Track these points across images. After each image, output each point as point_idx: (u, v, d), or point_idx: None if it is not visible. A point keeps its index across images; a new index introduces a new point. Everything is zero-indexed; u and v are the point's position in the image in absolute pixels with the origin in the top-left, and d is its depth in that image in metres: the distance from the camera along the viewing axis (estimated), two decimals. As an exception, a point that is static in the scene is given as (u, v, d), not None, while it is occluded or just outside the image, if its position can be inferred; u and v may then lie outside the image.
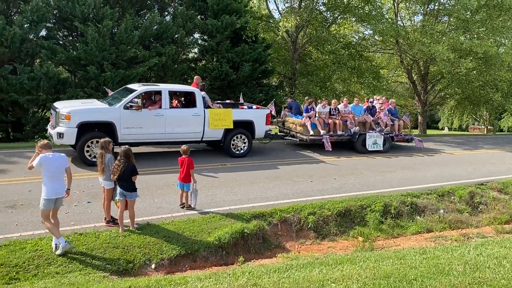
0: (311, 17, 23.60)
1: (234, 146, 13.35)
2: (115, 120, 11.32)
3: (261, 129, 13.73)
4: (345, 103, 16.19)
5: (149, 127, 11.79)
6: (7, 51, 15.48)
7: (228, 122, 12.91)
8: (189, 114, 12.45)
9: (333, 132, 15.44)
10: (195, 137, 12.65)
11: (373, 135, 15.69)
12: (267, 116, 13.88)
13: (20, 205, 8.23)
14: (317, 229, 8.95)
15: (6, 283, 5.81)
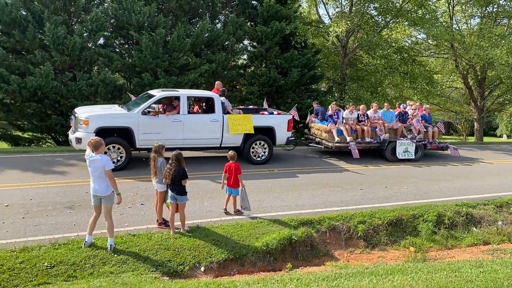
0: (362, 22, 23.27)
1: (254, 152, 13.01)
2: (133, 126, 11.33)
3: (283, 136, 13.34)
4: (375, 108, 15.55)
5: (167, 133, 11.70)
6: (68, 59, 16.33)
7: (249, 127, 12.65)
8: (207, 119, 12.30)
9: (361, 139, 14.77)
10: (214, 143, 12.48)
11: (404, 143, 14.90)
12: (289, 122, 13.44)
13: (78, 206, 8.63)
14: (367, 238, 8.78)
15: (64, 280, 6.11)
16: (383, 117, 15.39)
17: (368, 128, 14.80)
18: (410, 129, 15.43)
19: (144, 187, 9.97)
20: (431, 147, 15.66)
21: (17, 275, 6.06)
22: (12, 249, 6.57)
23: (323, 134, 15.17)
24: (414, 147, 14.98)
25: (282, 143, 13.58)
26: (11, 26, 16.10)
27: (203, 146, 12.40)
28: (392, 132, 15.28)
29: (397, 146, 14.79)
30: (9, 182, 9.92)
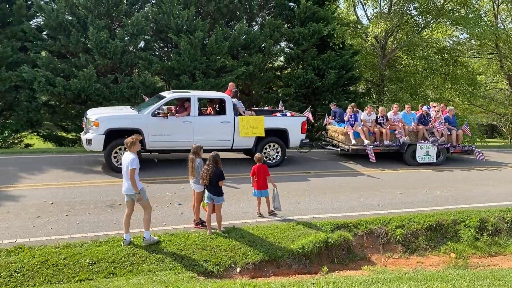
0: (401, 22, 22.80)
1: (266, 155, 12.70)
2: (142, 127, 11.30)
3: (296, 138, 13.01)
4: (395, 110, 14.90)
5: (177, 134, 11.64)
6: (110, 62, 16.84)
7: (259, 130, 12.40)
8: (218, 121, 12.18)
9: (379, 142, 14.22)
10: (225, 145, 12.31)
11: (425, 146, 14.23)
12: (303, 124, 13.11)
13: (118, 205, 8.88)
14: (405, 242, 8.59)
15: (105, 277, 6.30)
16: (404, 119, 14.79)
17: (386, 131, 14.27)
18: (432, 131, 14.70)
19: (182, 187, 10.14)
20: (454, 151, 14.88)
21: (61, 271, 6.30)
22: (56, 246, 6.84)
23: (340, 136, 14.71)
24: (435, 151, 14.36)
25: (296, 146, 13.30)
26: (57, 30, 16.76)
27: (214, 148, 12.00)
28: (413, 135, 14.65)
29: (417, 149, 14.19)
30: (54, 181, 10.32)
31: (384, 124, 14.50)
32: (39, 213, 8.19)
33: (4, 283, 5.97)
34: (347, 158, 14.85)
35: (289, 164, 13.38)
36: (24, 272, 6.20)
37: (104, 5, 17.02)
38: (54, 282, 6.06)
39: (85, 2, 16.74)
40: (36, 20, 18.57)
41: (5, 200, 8.83)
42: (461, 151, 15.02)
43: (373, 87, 25.83)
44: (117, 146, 11.10)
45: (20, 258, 6.43)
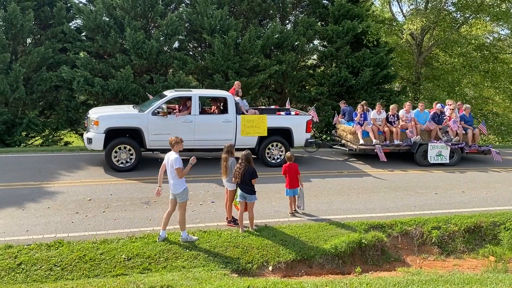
0: (438, 18, 22.23)
1: (270, 154, 12.43)
2: (142, 126, 11.23)
3: (301, 137, 12.63)
4: (407, 108, 14.23)
5: (178, 134, 10.98)
6: (146, 63, 17.18)
7: (262, 129, 12.16)
8: (219, 120, 11.96)
9: (389, 141, 13.66)
10: None
11: (437, 146, 13.53)
12: (308, 123, 12.69)
13: (153, 202, 9.06)
14: (441, 244, 8.38)
15: (140, 273, 6.45)
16: (416, 118, 14.12)
17: (397, 130, 13.72)
18: (446, 131, 13.99)
19: (215, 186, 10.24)
20: (470, 151, 14.07)
21: (98, 266, 6.49)
22: (93, 241, 7.05)
23: (348, 135, 14.25)
24: (448, 151, 13.64)
25: (301, 145, 12.92)
26: (95, 31, 17.24)
27: (215, 147, 11.99)
28: (426, 134, 14.04)
29: (428, 149, 13.51)
30: (92, 178, 10.63)
31: (395, 123, 13.97)
32: (77, 209, 8.46)
33: (45, 276, 6.20)
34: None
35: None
36: (63, 266, 6.42)
37: (141, 6, 17.38)
38: (91, 277, 6.25)
39: (122, 4, 17.14)
40: (75, 22, 19.16)
41: (45, 196, 9.17)
42: (477, 151, 14.20)
43: (408, 85, 25.32)
44: (117, 145, 11.11)
45: (59, 253, 6.66)
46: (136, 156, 11.31)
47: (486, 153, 14.21)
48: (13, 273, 6.19)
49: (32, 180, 10.28)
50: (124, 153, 11.24)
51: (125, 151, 11.24)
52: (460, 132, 13.95)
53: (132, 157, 11.30)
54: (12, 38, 16.83)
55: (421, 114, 14.30)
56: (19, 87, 16.17)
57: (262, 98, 21.01)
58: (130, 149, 11.26)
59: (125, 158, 11.27)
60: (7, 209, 8.33)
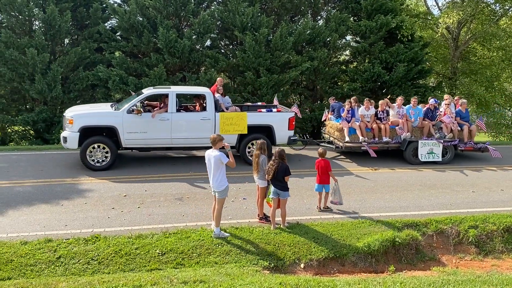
0: (476, 11, 21.53)
1: (251, 152, 11.82)
2: (117, 125, 11.03)
3: (283, 135, 12.19)
4: (399, 103, 13.41)
5: (154, 132, 11.28)
6: (178, 61, 17.43)
7: (242, 127, 11.81)
8: (197, 118, 11.67)
9: (378, 138, 13.04)
10: (205, 142, 11.31)
11: (428, 143, 12.81)
12: (290, 120, 12.25)
13: (186, 198, 9.20)
14: (479, 244, 8.14)
15: (173, 268, 6.57)
16: (408, 114, 13.38)
17: (386, 127, 13.04)
18: (440, 127, 13.27)
19: (247, 183, 10.29)
20: (465, 148, 13.25)
21: (133, 260, 6.65)
22: (129, 236, 7.22)
23: (335, 133, 13.69)
24: (441, 148, 12.88)
25: (284, 143, 12.40)
26: (129, 31, 17.61)
27: (194, 145, 11.84)
28: (418, 131, 13.35)
29: (419, 146, 12.80)
30: (127, 175, 10.88)
31: (385, 119, 13.32)
32: (113, 205, 8.69)
33: (83, 269, 6.41)
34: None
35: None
36: (100, 260, 6.61)
37: (173, 5, 17.62)
38: (127, 271, 6.41)
39: (155, 3, 17.43)
40: (110, 22, 19.61)
41: (83, 192, 9.45)
42: (473, 149, 13.36)
43: (444, 81, 24.67)
44: (91, 144, 10.95)
45: (96, 247, 6.86)
46: (111, 155, 11.13)
47: (483, 150, 13.41)
48: (53, 266, 6.43)
49: (70, 176, 10.62)
50: (99, 152, 11.07)
51: (100, 150, 11.07)
52: (455, 129, 13.28)
53: (108, 156, 11.14)
54: (51, 39, 17.40)
55: (414, 110, 13.55)
56: (56, 86, 16.70)
57: (293, 95, 20.94)
58: (105, 147, 11.10)
59: (100, 157, 11.11)
60: (47, 204, 8.65)
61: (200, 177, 10.59)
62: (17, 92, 17.64)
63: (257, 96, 17.59)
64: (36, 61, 16.26)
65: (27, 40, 16.68)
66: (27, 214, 8.12)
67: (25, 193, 9.25)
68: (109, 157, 11.14)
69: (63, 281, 5.82)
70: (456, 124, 13.37)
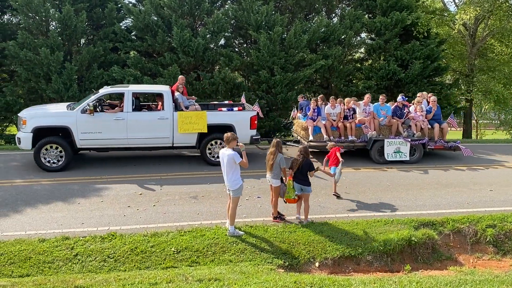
0: (494, 7, 21.15)
1: (211, 153, 11.80)
2: (71, 125, 10.82)
3: (245, 134, 11.84)
4: (366, 101, 13.02)
5: (109, 132, 11.06)
6: (192, 60, 17.48)
7: (201, 125, 11.51)
8: (154, 117, 11.43)
9: (344, 137, 12.67)
10: (164, 142, 11.55)
11: (395, 142, 12.43)
12: (252, 119, 11.93)
13: (201, 197, 9.25)
14: (497, 243, 8.01)
15: (188, 266, 6.60)
16: (376, 112, 12.97)
17: (351, 125, 12.66)
18: (409, 125, 12.88)
19: (261, 181, 10.29)
20: (435, 147, 12.87)
21: (149, 258, 6.70)
22: (144, 234, 7.28)
23: (301, 131, 13.35)
24: (408, 147, 12.49)
25: (246, 142, 11.81)
26: (144, 31, 17.73)
27: (152, 146, 11.62)
28: (386, 129, 12.93)
29: (385, 145, 12.40)
30: (143, 173, 10.98)
31: (351, 118, 12.91)
32: (129, 203, 8.77)
33: (99, 267, 6.48)
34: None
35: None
36: (116, 257, 6.68)
37: (187, 4, 17.69)
38: (142, 268, 6.47)
39: (170, 2, 17.52)
40: (125, 22, 19.76)
41: (99, 190, 9.56)
42: (443, 147, 12.97)
43: (461, 78, 24.33)
44: (45, 144, 10.79)
45: (112, 245, 6.93)
46: (66, 155, 10.97)
47: (455, 149, 12.97)
48: (70, 263, 6.52)
49: (86, 175, 10.76)
50: (53, 152, 10.91)
51: (54, 151, 10.91)
52: (425, 127, 12.87)
53: (62, 157, 10.98)
54: (67, 39, 17.60)
55: (383, 108, 13.08)
56: (72, 85, 16.90)
57: (308, 93, 20.87)
58: (58, 148, 10.94)
59: (54, 158, 10.96)
60: (64, 202, 8.77)
61: (215, 176, 10.62)
62: (34, 92, 17.87)
63: (271, 94, 17.56)
64: (50, 60, 16.46)
65: (42, 40, 16.90)
66: (44, 212, 8.25)
67: (43, 192, 9.39)
68: (64, 157, 10.98)
69: (80, 278, 5.90)
70: (426, 122, 12.97)
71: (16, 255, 6.57)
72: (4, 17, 19.68)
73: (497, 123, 33.21)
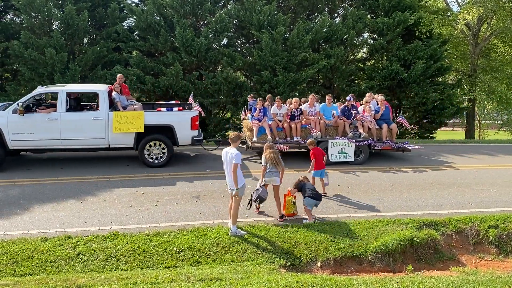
0: (497, 7, 21.10)
1: (150, 154, 11.47)
2: (2, 125, 10.60)
3: (186, 135, 11.51)
4: (311, 101, 12.71)
5: (42, 133, 10.78)
6: (195, 60, 17.51)
7: (138, 125, 11.16)
8: (89, 118, 11.11)
9: (290, 138, 12.37)
10: (99, 143, 11.24)
11: (339, 143, 12.16)
12: (193, 119, 11.54)
13: (203, 196, 9.25)
14: (499, 244, 7.98)
15: (190, 265, 6.60)
16: (323, 112, 12.66)
17: (297, 126, 12.33)
18: (356, 126, 12.58)
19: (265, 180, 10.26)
20: (383, 148, 12.53)
21: (151, 257, 6.71)
22: (146, 233, 7.29)
23: (247, 132, 13.02)
24: (353, 148, 12.22)
25: (187, 143, 11.76)
26: (147, 31, 17.76)
27: (86, 147, 11.30)
28: (333, 130, 12.63)
29: (329, 146, 12.12)
30: (145, 173, 10.99)
31: (298, 118, 12.56)
32: (131, 203, 8.79)
33: (102, 266, 6.49)
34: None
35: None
36: (118, 257, 6.69)
37: (190, 4, 17.71)
38: (144, 268, 6.47)
39: (172, 2, 17.54)
40: (128, 22, 19.80)
41: (101, 189, 9.58)
42: (391, 148, 12.67)
43: (464, 78, 24.28)
44: None
45: (115, 244, 6.94)
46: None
47: (403, 150, 12.76)
48: (72, 262, 6.53)
49: (88, 174, 10.78)
50: None
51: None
52: (372, 127, 12.55)
53: None
54: (69, 38, 17.63)
55: (329, 108, 12.76)
56: (76, 85, 16.95)
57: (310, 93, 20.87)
58: None
59: None
60: (67, 201, 8.79)
61: (217, 175, 10.63)
62: (37, 91, 17.93)
63: (274, 94, 17.53)
64: (55, 60, 16.50)
65: (45, 40, 16.94)
66: (47, 211, 8.27)
67: (45, 191, 9.41)
68: None
69: (82, 277, 5.91)
70: (374, 122, 12.68)
71: (19, 254, 6.59)
72: (7, 16, 19.74)
73: (499, 123, 33.11)
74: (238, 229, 7.39)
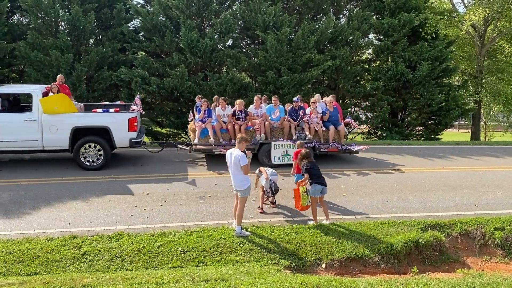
0: (503, 8, 21.01)
1: (86, 156, 11.10)
2: None
3: (123, 137, 11.16)
4: (257, 103, 12.39)
5: None
6: (200, 61, 17.54)
7: (67, 108, 10.86)
8: (20, 119, 10.76)
9: (234, 140, 11.49)
10: (33, 145, 10.89)
11: (282, 145, 11.87)
12: (130, 121, 11.17)
13: (208, 197, 9.27)
14: (505, 246, 7.94)
15: (195, 265, 6.62)
16: (269, 114, 12.40)
17: (240, 127, 12.03)
18: (303, 127, 12.27)
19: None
20: (329, 150, 12.23)
21: (155, 258, 6.73)
22: (151, 234, 7.31)
23: (191, 133, 12.91)
24: None
25: (125, 146, 11.44)
26: (152, 32, 17.82)
27: (19, 149, 10.97)
28: (279, 131, 12.37)
29: (272, 149, 11.84)
30: (150, 173, 11.02)
31: (244, 120, 12.28)
32: (136, 203, 8.81)
33: (107, 266, 6.52)
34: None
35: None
36: (123, 257, 6.71)
37: (195, 5, 17.76)
38: (149, 268, 6.49)
39: (178, 3, 17.59)
40: (133, 23, 19.88)
41: (107, 190, 9.61)
42: (337, 150, 12.40)
43: (470, 79, 24.18)
44: None
45: (120, 244, 6.97)
46: None
47: (351, 152, 12.48)
48: (78, 262, 6.56)
49: (94, 174, 10.82)
50: None
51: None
52: (319, 129, 12.30)
53: None
54: (76, 39, 17.73)
55: (275, 110, 12.48)
56: (81, 85, 17.02)
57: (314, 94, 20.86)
58: None
59: None
60: (72, 201, 8.83)
61: (222, 176, 10.64)
62: (44, 92, 18.03)
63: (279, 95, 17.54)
64: (60, 62, 16.59)
65: (52, 41, 17.03)
66: (53, 211, 8.31)
67: (51, 191, 9.46)
68: None
69: (88, 277, 5.93)
70: (320, 124, 12.43)
71: (25, 254, 6.63)
72: (14, 17, 19.87)
73: (506, 125, 32.94)
74: (243, 229, 7.40)
